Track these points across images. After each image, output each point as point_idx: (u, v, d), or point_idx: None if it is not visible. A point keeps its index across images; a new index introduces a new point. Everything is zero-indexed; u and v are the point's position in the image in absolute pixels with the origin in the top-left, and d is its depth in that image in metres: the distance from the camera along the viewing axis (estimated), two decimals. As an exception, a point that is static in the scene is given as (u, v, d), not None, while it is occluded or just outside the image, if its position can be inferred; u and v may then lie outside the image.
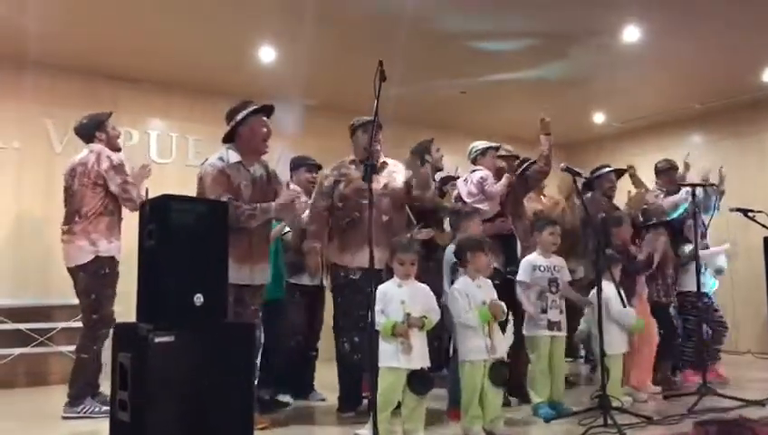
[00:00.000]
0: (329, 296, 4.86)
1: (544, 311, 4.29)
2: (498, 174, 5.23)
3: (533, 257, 4.46)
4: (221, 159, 4.02)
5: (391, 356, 3.42)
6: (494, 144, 5.52)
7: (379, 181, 4.47)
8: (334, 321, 4.45)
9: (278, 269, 4.79)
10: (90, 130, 4.76)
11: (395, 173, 4.57)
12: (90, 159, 4.60)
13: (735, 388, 5.10)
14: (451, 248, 4.22)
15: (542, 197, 6.02)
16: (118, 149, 4.82)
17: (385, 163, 4.62)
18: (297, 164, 5.39)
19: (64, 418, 4.40)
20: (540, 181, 5.49)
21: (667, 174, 6.13)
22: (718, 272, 5.90)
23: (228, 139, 4.14)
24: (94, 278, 4.49)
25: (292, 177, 5.28)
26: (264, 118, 4.14)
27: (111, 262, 4.56)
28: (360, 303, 4.21)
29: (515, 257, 4.72)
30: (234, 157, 4.04)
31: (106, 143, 4.75)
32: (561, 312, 4.34)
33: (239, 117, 4.07)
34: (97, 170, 4.55)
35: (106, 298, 4.51)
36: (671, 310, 5.36)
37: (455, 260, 4.05)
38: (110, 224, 4.59)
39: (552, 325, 4.28)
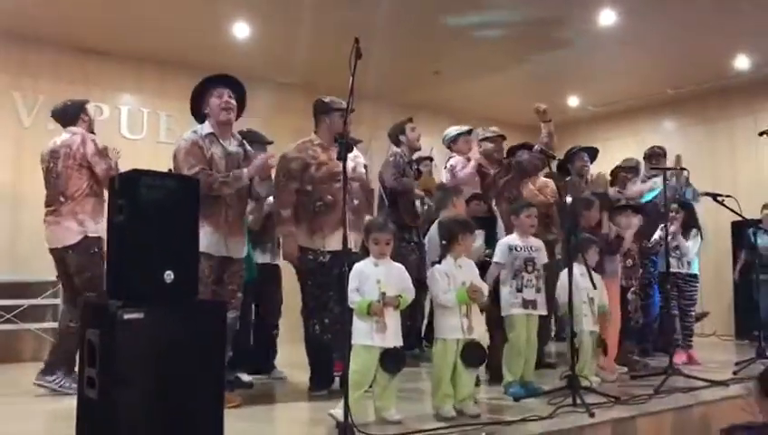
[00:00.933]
0: (288, 274, 4.83)
1: (519, 290, 4.31)
2: (488, 159, 5.30)
3: (510, 238, 4.48)
4: (195, 132, 4.02)
5: (365, 334, 3.43)
6: (464, 128, 5.58)
7: (347, 165, 4.47)
8: (303, 304, 4.42)
9: (249, 250, 4.74)
10: (74, 113, 4.75)
11: (357, 158, 4.55)
12: (74, 141, 4.58)
13: (701, 369, 5.21)
14: (436, 227, 4.23)
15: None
16: (93, 133, 4.82)
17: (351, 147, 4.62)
18: (251, 140, 4.97)
19: (36, 384, 4.39)
20: (538, 169, 5.43)
21: (656, 159, 6.21)
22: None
23: (203, 118, 4.12)
24: (86, 256, 4.48)
25: None
26: (224, 88, 4.07)
27: (99, 242, 4.54)
28: (330, 284, 4.20)
29: (494, 240, 4.74)
30: (207, 129, 4.04)
31: (87, 126, 4.77)
32: (537, 291, 4.36)
33: (193, 93, 4.09)
34: (82, 153, 4.53)
35: (100, 277, 4.47)
36: (629, 295, 5.42)
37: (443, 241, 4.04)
38: (96, 205, 4.58)
39: (527, 304, 4.30)
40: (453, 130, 5.69)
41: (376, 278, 3.51)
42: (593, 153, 6.06)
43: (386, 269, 3.58)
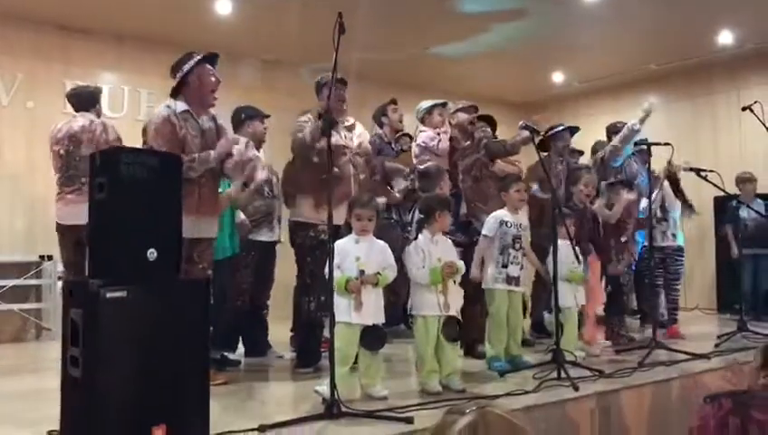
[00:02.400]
0: (284, 253, 4.81)
1: (505, 266, 4.33)
2: (462, 131, 5.23)
3: (501, 213, 4.45)
4: (168, 106, 3.88)
5: (345, 311, 3.44)
6: (439, 101, 5.47)
7: (353, 140, 4.55)
8: (300, 280, 4.39)
9: (232, 227, 4.69)
10: (95, 98, 5.05)
11: (364, 135, 4.64)
12: (96, 127, 4.84)
13: (683, 342, 5.27)
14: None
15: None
16: (100, 117, 5.08)
17: (354, 125, 4.61)
18: (250, 115, 5.03)
19: None
20: (510, 154, 5.13)
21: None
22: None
23: (176, 93, 3.99)
24: None
25: (241, 128, 4.91)
26: (210, 67, 3.99)
27: None
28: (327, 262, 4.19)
29: (457, 216, 4.73)
30: (181, 106, 3.90)
31: (97, 112, 5.03)
32: (521, 268, 4.39)
33: (186, 68, 3.92)
34: (105, 139, 4.81)
35: None
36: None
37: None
38: None
39: (510, 280, 4.33)
40: (426, 103, 5.49)
41: (355, 255, 3.52)
42: (574, 131, 6.06)
43: (367, 246, 3.59)
